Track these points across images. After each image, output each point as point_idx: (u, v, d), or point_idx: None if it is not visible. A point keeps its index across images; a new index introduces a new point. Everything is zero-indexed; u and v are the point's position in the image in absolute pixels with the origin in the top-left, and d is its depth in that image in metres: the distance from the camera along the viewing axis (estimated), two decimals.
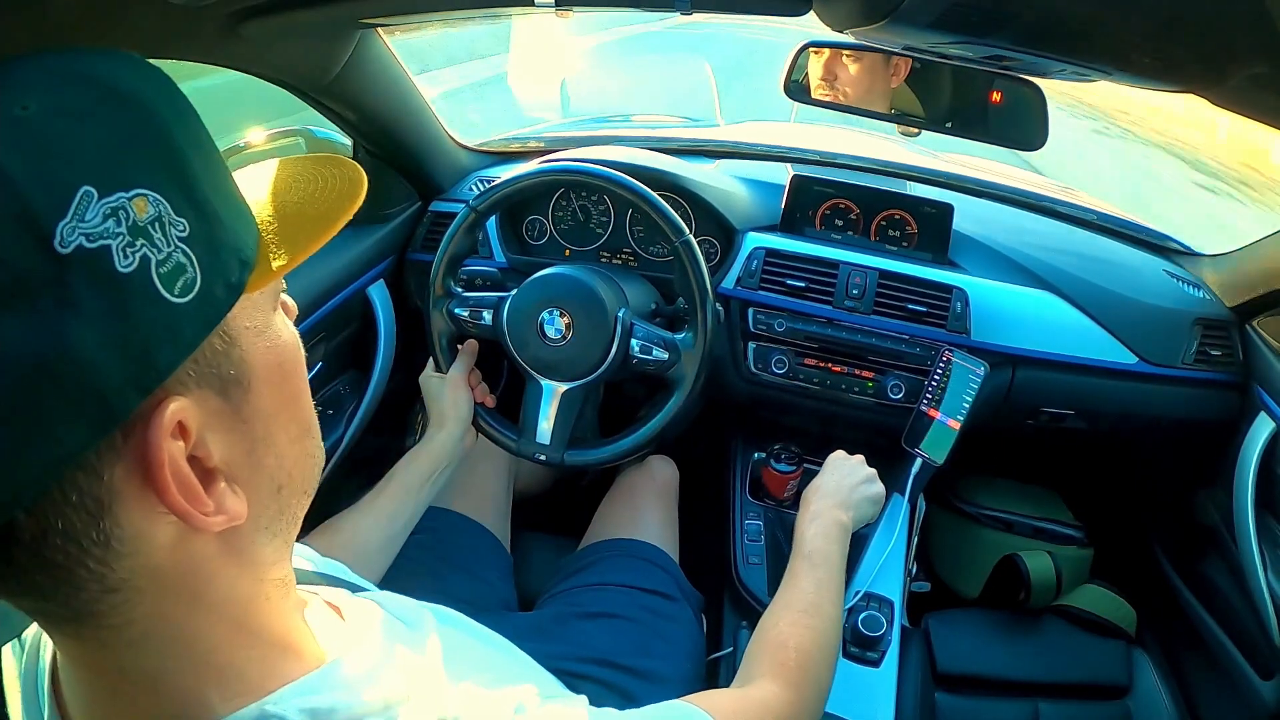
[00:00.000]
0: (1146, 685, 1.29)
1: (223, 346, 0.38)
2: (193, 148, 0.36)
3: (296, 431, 0.44)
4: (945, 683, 1.26)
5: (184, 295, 0.34)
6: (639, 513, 1.22)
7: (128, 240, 0.32)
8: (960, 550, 1.50)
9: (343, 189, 0.43)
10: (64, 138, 0.32)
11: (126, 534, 0.35)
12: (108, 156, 0.33)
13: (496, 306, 1.07)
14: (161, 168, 0.34)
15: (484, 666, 0.53)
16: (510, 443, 1.08)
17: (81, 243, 0.31)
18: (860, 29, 0.78)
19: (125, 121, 0.34)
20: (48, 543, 0.33)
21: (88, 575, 0.35)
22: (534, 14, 0.92)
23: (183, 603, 0.38)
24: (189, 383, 0.36)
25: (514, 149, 1.58)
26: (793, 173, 1.37)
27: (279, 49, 1.01)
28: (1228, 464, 1.21)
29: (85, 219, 0.31)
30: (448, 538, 1.12)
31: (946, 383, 1.16)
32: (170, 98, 0.37)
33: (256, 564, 0.42)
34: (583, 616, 1.04)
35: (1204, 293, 1.30)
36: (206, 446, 0.37)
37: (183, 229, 0.34)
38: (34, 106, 0.32)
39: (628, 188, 1.03)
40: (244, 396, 0.39)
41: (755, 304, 1.25)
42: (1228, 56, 0.58)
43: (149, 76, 0.36)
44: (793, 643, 0.79)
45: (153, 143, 0.35)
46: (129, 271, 0.32)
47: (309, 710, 0.39)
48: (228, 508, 0.38)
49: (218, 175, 0.38)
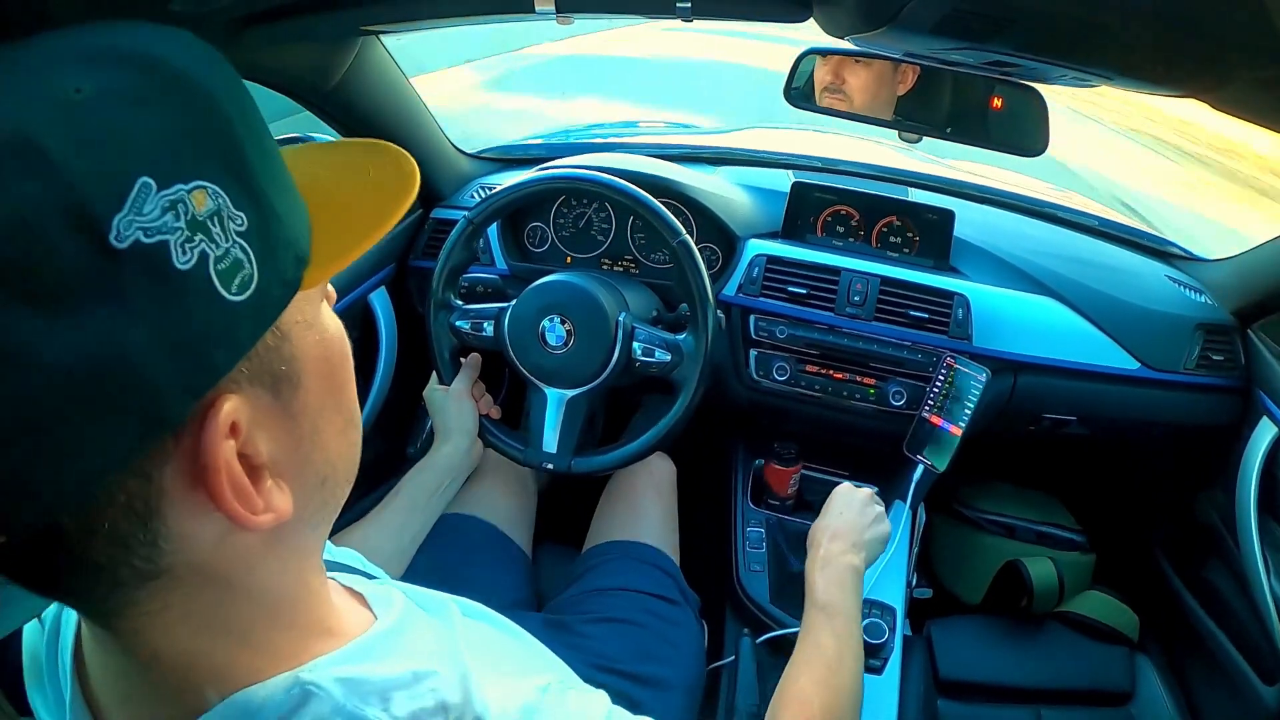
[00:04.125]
0: (1149, 691, 1.29)
1: (275, 343, 0.36)
2: (251, 138, 0.34)
3: (342, 424, 0.43)
4: (948, 690, 1.25)
5: (241, 293, 0.33)
6: (639, 512, 1.21)
7: (186, 235, 0.30)
8: (962, 556, 1.50)
9: (395, 179, 0.41)
10: (122, 125, 0.30)
11: (173, 533, 0.34)
12: (167, 146, 0.31)
13: (497, 317, 1.07)
14: (221, 159, 0.33)
15: (507, 652, 0.53)
16: (516, 453, 1.08)
17: (139, 238, 0.29)
18: (860, 35, 0.78)
19: (185, 109, 0.32)
20: (93, 544, 0.32)
21: (129, 573, 0.34)
22: (534, 20, 0.92)
23: (222, 591, 0.38)
24: (241, 381, 0.35)
25: (514, 156, 1.58)
26: (794, 179, 1.37)
27: (280, 55, 1.01)
28: (1230, 469, 1.21)
29: (143, 212, 0.29)
30: (468, 543, 1.12)
31: (948, 389, 1.16)
32: (229, 84, 0.35)
33: (298, 554, 0.42)
34: (589, 621, 1.04)
35: (1205, 298, 1.30)
36: (255, 444, 0.36)
37: (241, 223, 0.33)
38: (89, 88, 0.30)
39: (623, 192, 1.03)
40: (294, 393, 0.38)
41: (756, 311, 1.25)
42: (1228, 61, 0.58)
43: (208, 60, 0.34)
44: (818, 701, 0.78)
45: (213, 133, 0.33)
46: (187, 269, 0.31)
47: (343, 679, 0.39)
48: (275, 505, 0.37)
49: (274, 167, 0.36)
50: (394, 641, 0.44)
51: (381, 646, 0.43)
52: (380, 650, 0.42)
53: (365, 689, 0.40)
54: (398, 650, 0.43)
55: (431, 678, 0.42)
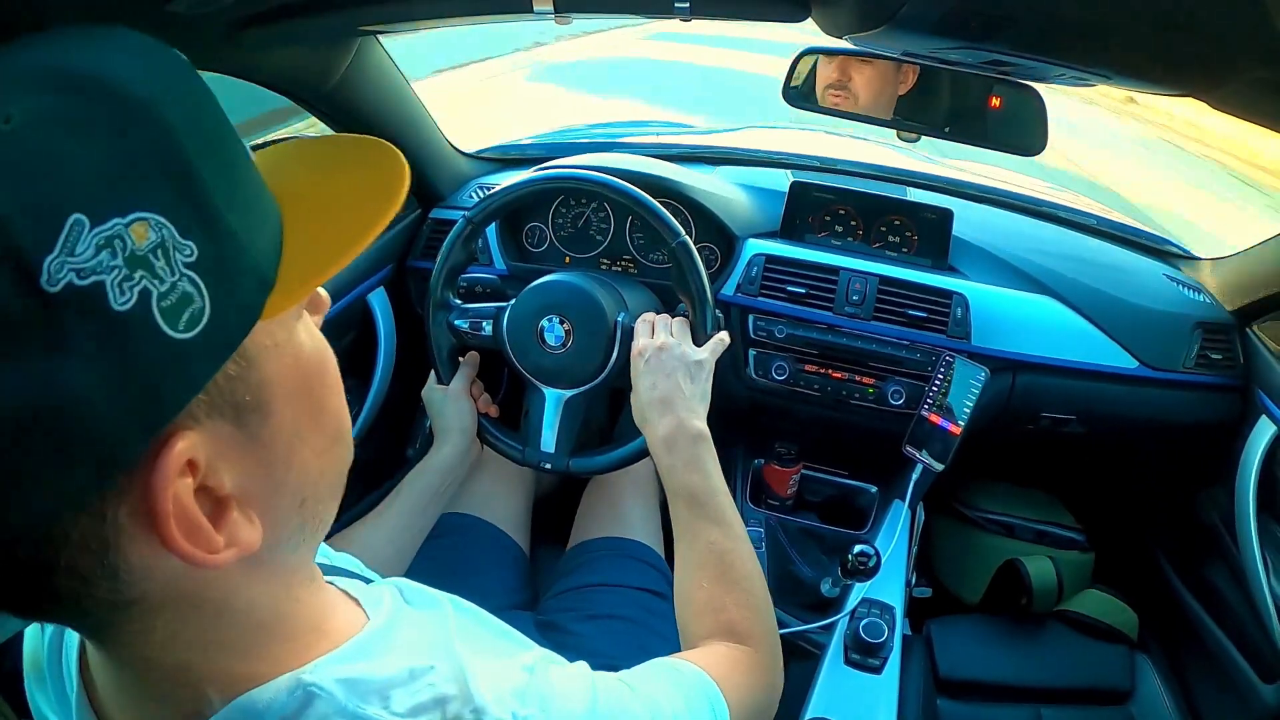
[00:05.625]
0: (1149, 690, 1.29)
1: (238, 372, 0.34)
2: (206, 155, 0.32)
3: (323, 443, 0.41)
4: (947, 689, 1.25)
5: (191, 329, 0.31)
6: (622, 509, 1.21)
7: (124, 274, 0.28)
8: (961, 555, 1.50)
9: (382, 181, 0.38)
10: (52, 156, 0.28)
11: (134, 566, 0.33)
12: (103, 177, 0.29)
13: (496, 317, 1.07)
14: (167, 184, 0.30)
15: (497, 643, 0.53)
16: (515, 452, 1.08)
17: (72, 280, 0.27)
18: (858, 35, 0.78)
19: (127, 133, 0.30)
20: (52, 579, 0.31)
21: (95, 604, 0.33)
22: (533, 20, 0.92)
23: (205, 613, 0.37)
24: (199, 415, 0.33)
25: (513, 156, 1.58)
26: (792, 179, 1.37)
27: (279, 56, 1.01)
28: (1229, 467, 1.21)
29: (75, 252, 0.27)
30: (468, 542, 1.12)
31: (947, 388, 1.16)
32: (182, 93, 0.32)
33: (281, 572, 0.41)
34: (582, 619, 1.04)
35: (1204, 296, 1.30)
36: (219, 476, 0.34)
37: (189, 253, 0.30)
38: (18, 117, 0.28)
39: (622, 192, 1.03)
40: (263, 421, 0.36)
41: (755, 310, 1.25)
42: (1228, 60, 0.58)
43: (161, 69, 0.32)
44: (729, 600, 0.76)
45: (158, 156, 0.30)
46: (126, 310, 0.29)
47: (343, 680, 0.39)
48: (240, 539, 0.35)
49: (234, 183, 0.33)
50: (387, 640, 0.44)
51: (375, 645, 0.43)
52: (375, 649, 0.42)
53: (364, 688, 0.40)
54: (391, 648, 0.43)
55: (428, 673, 0.42)
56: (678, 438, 0.87)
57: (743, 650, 0.72)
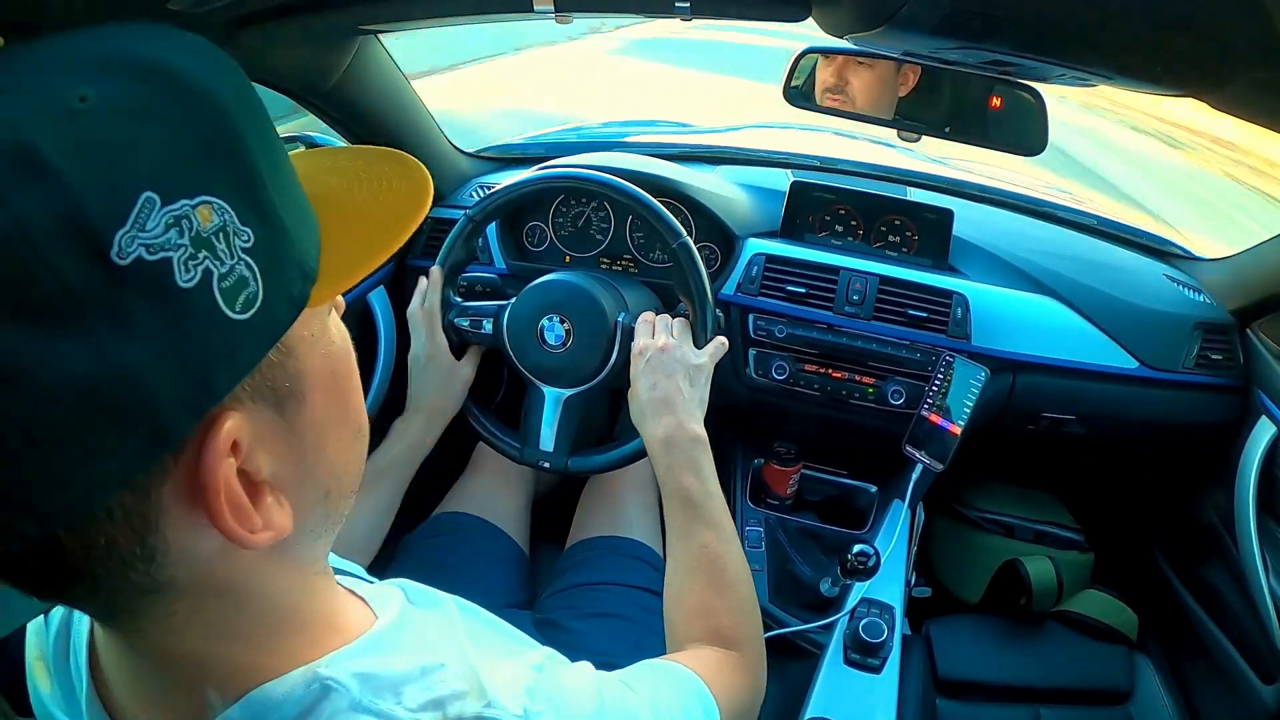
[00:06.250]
0: (1148, 690, 1.29)
1: (279, 360, 0.36)
2: (262, 150, 0.33)
3: (348, 436, 0.42)
4: (946, 689, 1.25)
5: (245, 311, 0.32)
6: (620, 508, 1.21)
7: (190, 252, 0.30)
8: (961, 555, 1.50)
9: (408, 192, 0.40)
10: (127, 137, 0.29)
11: (172, 549, 0.34)
12: (173, 160, 0.30)
13: (496, 315, 1.07)
14: (228, 173, 0.32)
15: (503, 643, 0.53)
16: (514, 451, 1.08)
17: (141, 255, 0.28)
18: (859, 34, 0.78)
19: (194, 121, 0.31)
20: (90, 557, 0.32)
21: (129, 585, 0.34)
22: (533, 19, 0.92)
23: (227, 600, 0.38)
24: (243, 398, 0.34)
25: (513, 155, 1.58)
26: (792, 178, 1.37)
27: (279, 55, 1.01)
28: (1229, 468, 1.21)
29: (146, 228, 0.28)
30: (467, 541, 1.12)
31: (947, 388, 1.16)
32: (242, 94, 0.34)
33: (302, 562, 0.42)
34: (580, 617, 1.04)
35: (1204, 297, 1.30)
36: (256, 461, 0.35)
37: (247, 239, 0.32)
38: (95, 97, 0.29)
39: (623, 192, 1.03)
40: (298, 408, 0.37)
41: (755, 310, 1.25)
42: (1228, 61, 0.58)
43: (221, 68, 0.33)
44: (720, 606, 0.77)
45: (221, 145, 0.32)
46: (190, 287, 0.30)
47: (359, 674, 0.40)
48: (274, 522, 0.36)
49: (284, 179, 0.35)
50: (398, 637, 0.44)
51: (387, 642, 0.43)
52: (386, 646, 0.43)
53: (378, 683, 0.40)
54: (402, 646, 0.43)
55: (439, 670, 0.42)
56: (676, 439, 0.88)
57: (730, 654, 0.74)
